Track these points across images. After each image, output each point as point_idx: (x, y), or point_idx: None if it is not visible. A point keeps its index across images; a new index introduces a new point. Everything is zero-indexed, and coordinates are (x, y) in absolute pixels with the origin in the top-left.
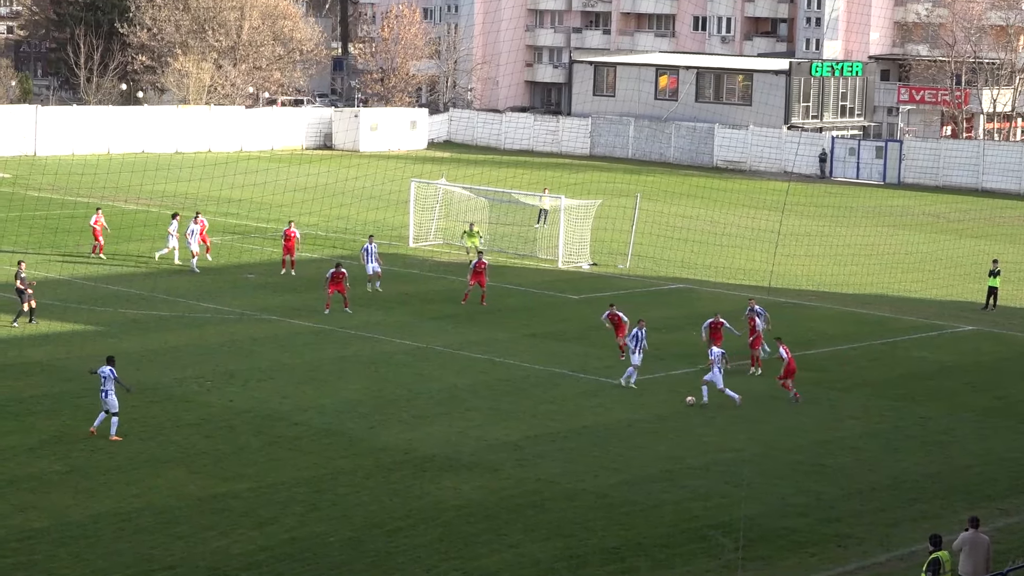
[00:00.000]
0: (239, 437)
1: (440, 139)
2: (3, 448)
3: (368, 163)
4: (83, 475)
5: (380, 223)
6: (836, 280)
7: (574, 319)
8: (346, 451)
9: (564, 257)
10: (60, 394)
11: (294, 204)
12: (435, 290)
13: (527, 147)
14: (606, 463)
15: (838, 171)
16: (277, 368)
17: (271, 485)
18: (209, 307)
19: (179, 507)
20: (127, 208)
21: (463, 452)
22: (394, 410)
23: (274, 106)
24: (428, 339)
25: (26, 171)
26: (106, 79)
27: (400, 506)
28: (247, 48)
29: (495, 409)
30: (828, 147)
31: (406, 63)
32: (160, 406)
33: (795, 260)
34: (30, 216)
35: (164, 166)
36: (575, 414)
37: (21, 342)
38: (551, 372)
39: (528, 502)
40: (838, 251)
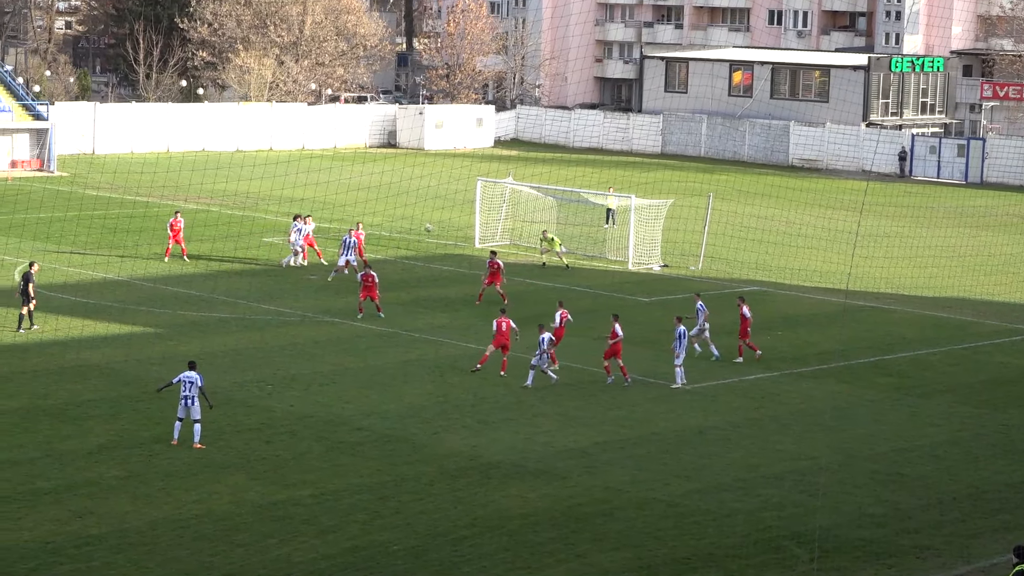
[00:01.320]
0: (300, 443)
1: (507, 137)
2: (61, 453)
3: (433, 161)
4: (141, 481)
5: (445, 223)
6: (916, 283)
7: (644, 322)
8: (409, 457)
9: (634, 258)
10: (118, 398)
11: (357, 204)
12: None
13: (596, 145)
14: (677, 471)
15: (918, 170)
16: (339, 372)
17: (333, 492)
18: (270, 309)
19: (239, 514)
20: (187, 207)
21: (529, 459)
22: (459, 415)
23: (337, 103)
24: None
25: (84, 170)
26: (166, 75)
27: (464, 514)
28: (309, 43)
29: (563, 415)
30: (908, 145)
31: (472, 59)
32: (220, 410)
33: (873, 262)
34: (88, 216)
35: (224, 164)
36: (645, 420)
37: (79, 344)
38: (620, 377)
39: (596, 511)
40: (918, 253)
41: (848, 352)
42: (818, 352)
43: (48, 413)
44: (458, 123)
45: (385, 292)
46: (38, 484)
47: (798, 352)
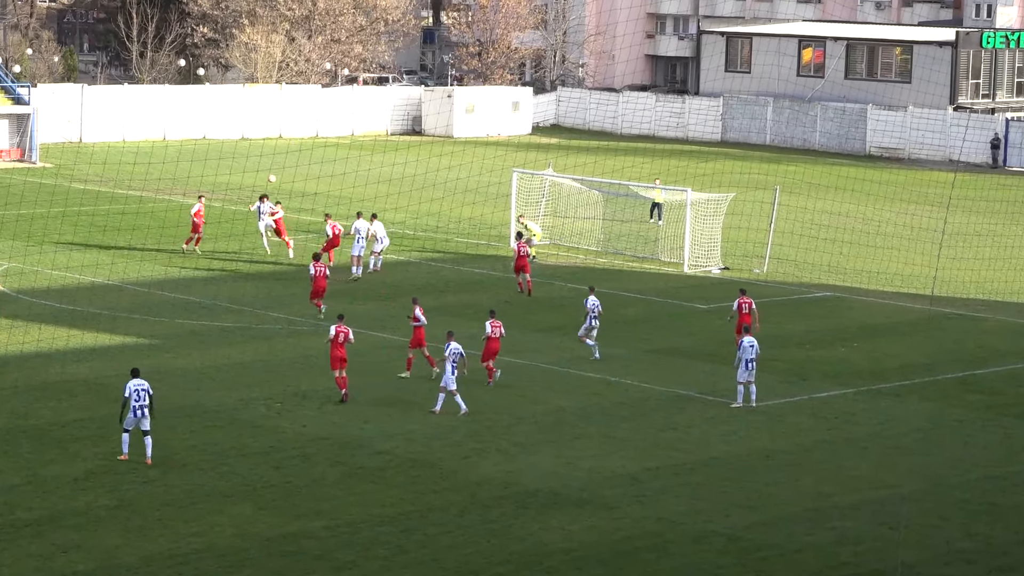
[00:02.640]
0: (314, 468)
1: (546, 123)
2: (44, 479)
3: (463, 150)
4: (134, 511)
5: (477, 220)
6: (1010, 288)
7: (702, 332)
8: (437, 485)
9: (691, 260)
10: (108, 417)
11: (377, 198)
12: (539, 298)
13: (647, 132)
14: (739, 500)
15: (1013, 159)
16: (358, 388)
17: (350, 524)
18: (279, 317)
19: (244, 548)
20: (186, 202)
21: (572, 487)
22: (492, 437)
23: (355, 85)
24: (531, 355)
25: (71, 160)
26: (162, 54)
27: (499, 549)
28: (324, 18)
29: (609, 437)
30: (1001, 131)
31: (507, 35)
32: (223, 431)
33: (962, 264)
34: (75, 212)
35: (228, 154)
36: (703, 443)
37: (64, 357)
38: (675, 394)
39: (647, 545)
40: (1012, 254)
41: (933, 366)
42: (899, 366)
43: (29, 434)
44: (491, 107)
45: (403, 298)
46: (18, 515)
47: (876, 366)
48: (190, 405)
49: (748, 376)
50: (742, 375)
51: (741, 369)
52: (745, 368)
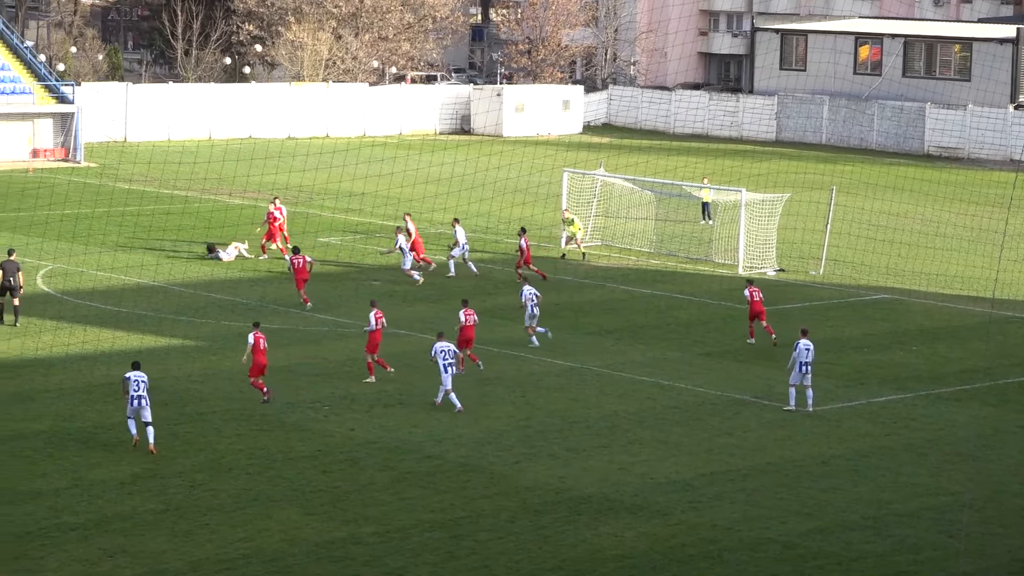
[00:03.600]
0: (362, 472)
1: (598, 121)
2: (90, 483)
3: (513, 150)
4: (181, 515)
5: (527, 220)
6: None
7: (757, 335)
8: (487, 490)
9: (745, 261)
10: (154, 420)
11: (425, 198)
12: (592, 300)
13: (700, 131)
14: (795, 507)
15: None
16: (407, 391)
17: (400, 529)
18: (326, 319)
19: (292, 554)
20: (231, 202)
21: (625, 492)
22: (544, 442)
23: (402, 83)
24: (584, 358)
25: (115, 159)
26: (207, 52)
27: (550, 556)
28: (371, 15)
29: (663, 442)
30: None
31: (558, 32)
32: (270, 435)
33: None
34: (119, 212)
35: (274, 153)
36: (758, 448)
37: (109, 359)
38: (730, 398)
39: (702, 552)
40: None
41: (994, 370)
42: (959, 370)
43: (75, 437)
44: (541, 106)
45: (452, 300)
46: (64, 519)
47: (936, 370)
48: (237, 408)
49: (803, 379)
50: (795, 378)
51: (795, 372)
52: (799, 371)
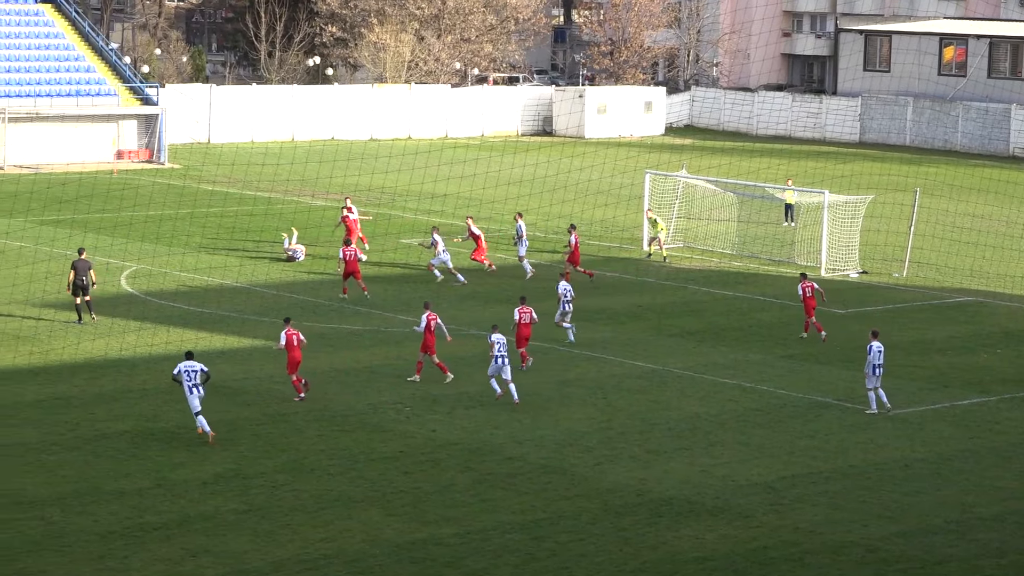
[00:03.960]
0: (443, 473)
1: (680, 123)
2: (173, 482)
3: (595, 151)
4: (263, 515)
5: (609, 222)
6: None
7: (839, 338)
8: (568, 491)
9: (828, 264)
10: (236, 421)
11: (508, 200)
12: (673, 302)
13: (783, 132)
14: (878, 510)
15: None
16: (488, 393)
17: (480, 531)
18: (408, 320)
19: (373, 554)
20: (314, 204)
21: (706, 495)
22: (625, 444)
23: (484, 85)
24: (665, 360)
25: (198, 161)
26: (290, 54)
27: (631, 557)
28: (454, 16)
29: (745, 444)
30: None
31: (640, 33)
32: (351, 436)
33: None
34: (203, 213)
35: (357, 155)
36: (840, 451)
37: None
38: (812, 401)
39: (784, 555)
40: None
41: None
42: None
43: (158, 437)
44: (623, 107)
45: (539, 302)
46: (147, 518)
47: (1021, 373)
48: (319, 409)
49: (876, 382)
50: (872, 381)
51: (871, 376)
52: (873, 374)
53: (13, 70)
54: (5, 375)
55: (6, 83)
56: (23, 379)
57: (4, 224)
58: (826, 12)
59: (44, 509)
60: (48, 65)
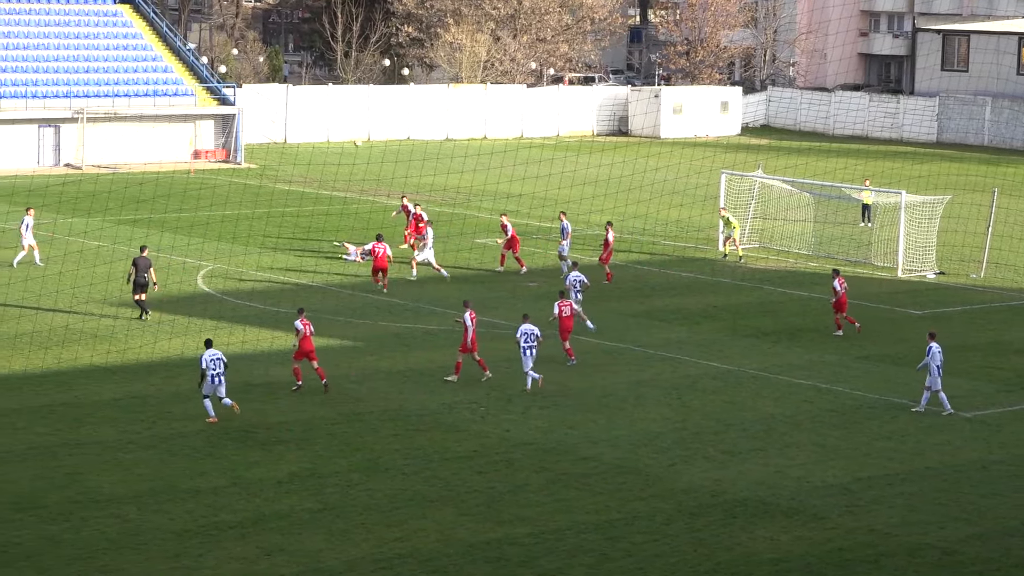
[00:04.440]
0: (518, 473)
1: (756, 123)
2: (249, 482)
3: (671, 151)
4: (337, 514)
5: (684, 222)
6: None
7: (915, 339)
8: (643, 492)
9: (904, 264)
10: (311, 420)
11: (583, 200)
12: (749, 302)
13: (860, 132)
14: (954, 512)
15: None
16: (562, 393)
17: (555, 531)
18: (482, 320)
19: (447, 554)
20: (390, 203)
21: (781, 496)
22: (699, 444)
23: (560, 84)
24: (740, 361)
25: (275, 160)
26: (366, 54)
27: (705, 558)
28: (529, 16)
29: (820, 445)
30: None
31: (716, 33)
32: (426, 435)
33: None
34: (279, 213)
35: (432, 155)
36: (917, 453)
37: (268, 359)
38: (888, 402)
39: (859, 557)
40: None
41: None
42: None
43: (234, 437)
44: (699, 107)
45: (615, 302)
46: (222, 517)
47: None
48: (393, 408)
49: (936, 382)
50: (936, 383)
51: (934, 377)
52: (937, 375)
53: (91, 70)
54: (83, 374)
55: (84, 83)
56: (101, 378)
57: (82, 224)
58: (904, 11)
59: (121, 507)
60: (126, 65)
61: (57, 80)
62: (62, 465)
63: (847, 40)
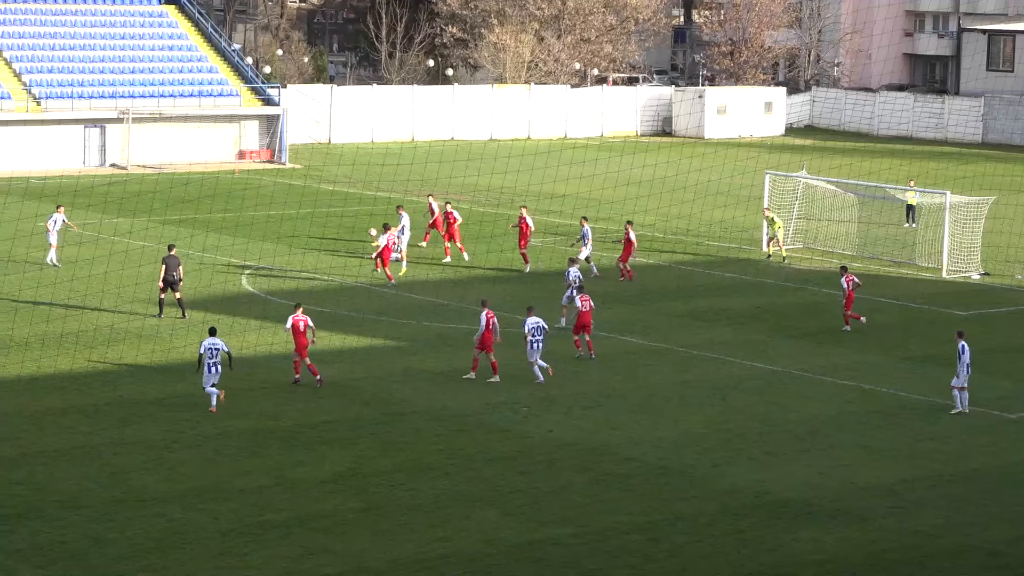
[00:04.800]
0: (561, 474)
1: (800, 123)
2: (292, 481)
3: (714, 152)
4: (381, 514)
5: (728, 223)
6: None
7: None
8: (686, 493)
9: (949, 265)
10: (356, 420)
11: (627, 200)
12: (792, 303)
13: (905, 133)
14: (1000, 514)
15: None
16: (605, 393)
17: (598, 531)
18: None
19: (490, 554)
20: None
21: (825, 497)
22: (743, 445)
23: (604, 85)
24: (784, 362)
25: (319, 161)
26: (411, 54)
27: (749, 559)
28: (573, 17)
29: (864, 446)
30: None
31: (760, 33)
32: (469, 436)
33: None
34: (323, 213)
35: (476, 155)
36: (962, 454)
37: (312, 358)
38: (932, 403)
39: (904, 559)
40: None
41: None
42: None
43: (278, 436)
44: (743, 108)
45: (659, 302)
46: (267, 516)
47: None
48: (437, 408)
49: (965, 381)
50: (965, 381)
51: (964, 375)
52: (966, 373)
53: (137, 71)
54: (128, 373)
55: (130, 84)
56: (146, 377)
57: (127, 224)
58: (949, 11)
59: (166, 506)
60: (171, 66)
61: (103, 81)
62: (107, 464)
63: (892, 40)
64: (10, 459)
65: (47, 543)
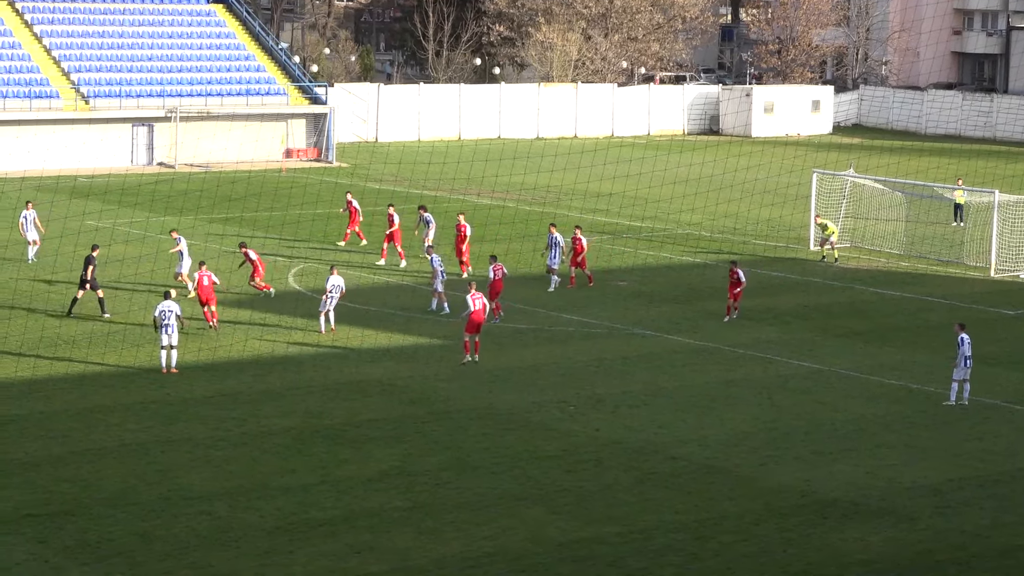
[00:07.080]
0: (607, 473)
1: (848, 122)
2: (338, 479)
3: (762, 151)
4: (427, 512)
5: (775, 222)
6: None
7: (1009, 339)
8: (732, 492)
9: (997, 264)
10: (401, 418)
11: (673, 199)
12: (840, 302)
13: (953, 131)
14: None
15: None
16: (652, 392)
17: (644, 530)
18: (572, 319)
19: (536, 553)
20: (480, 202)
21: (872, 496)
22: (789, 444)
23: (651, 83)
24: (831, 360)
25: (366, 159)
26: (458, 53)
27: (795, 559)
28: (621, 15)
29: (911, 446)
30: None
31: (808, 31)
32: (515, 434)
33: None
34: (369, 212)
35: (523, 154)
36: (1010, 454)
37: (358, 357)
38: (981, 403)
39: (950, 559)
40: None
41: None
42: None
43: (324, 434)
44: (791, 106)
45: (701, 301)
46: (312, 514)
47: None
48: (483, 407)
49: (965, 373)
50: (963, 373)
51: (962, 367)
52: (964, 366)
53: (185, 70)
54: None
55: (178, 83)
56: (192, 376)
57: (174, 222)
58: (998, 9)
59: (212, 504)
60: (219, 65)
61: (151, 79)
62: (154, 462)
63: (940, 38)
64: (58, 457)
65: (94, 540)
